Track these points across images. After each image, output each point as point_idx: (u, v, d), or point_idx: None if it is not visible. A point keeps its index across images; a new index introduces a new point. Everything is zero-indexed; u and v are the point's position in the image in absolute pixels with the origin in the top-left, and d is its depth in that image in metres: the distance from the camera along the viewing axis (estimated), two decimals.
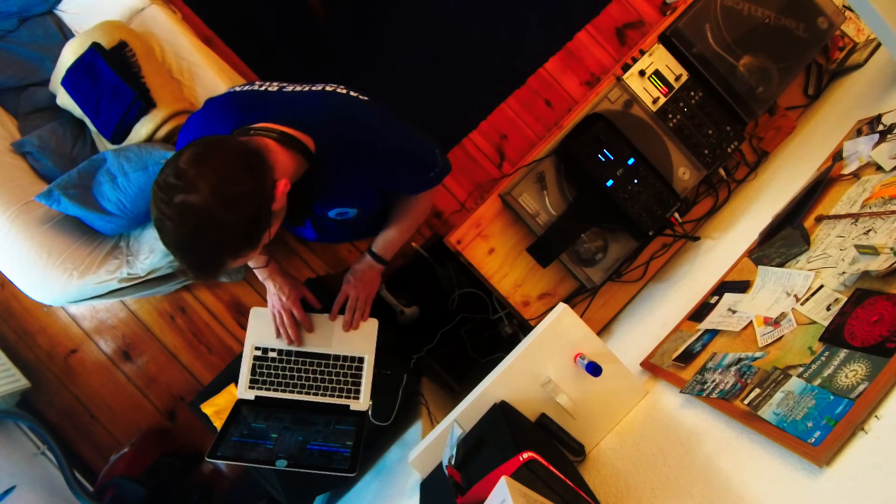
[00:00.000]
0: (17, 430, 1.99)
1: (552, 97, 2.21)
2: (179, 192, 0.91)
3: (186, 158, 0.93)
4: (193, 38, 1.85)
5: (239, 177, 0.94)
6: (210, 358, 2.15)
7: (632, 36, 2.21)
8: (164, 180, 0.93)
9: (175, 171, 0.92)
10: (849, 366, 0.80)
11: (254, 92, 1.22)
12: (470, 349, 1.91)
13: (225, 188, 0.92)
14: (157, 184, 0.93)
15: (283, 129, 1.07)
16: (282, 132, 1.06)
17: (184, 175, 0.92)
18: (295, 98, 1.19)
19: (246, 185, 0.95)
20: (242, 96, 1.22)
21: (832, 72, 1.81)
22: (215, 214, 0.91)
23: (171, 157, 0.95)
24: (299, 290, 1.45)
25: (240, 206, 0.94)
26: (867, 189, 1.12)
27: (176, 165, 0.93)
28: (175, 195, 0.91)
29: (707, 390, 1.00)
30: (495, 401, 1.11)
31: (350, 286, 1.44)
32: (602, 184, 1.55)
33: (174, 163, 0.94)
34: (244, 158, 0.96)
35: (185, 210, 0.91)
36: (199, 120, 1.21)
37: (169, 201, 0.91)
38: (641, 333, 1.47)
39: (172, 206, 0.91)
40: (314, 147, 1.11)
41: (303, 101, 1.18)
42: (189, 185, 0.91)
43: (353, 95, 1.21)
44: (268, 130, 1.06)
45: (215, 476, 2.13)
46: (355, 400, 1.42)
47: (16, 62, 1.82)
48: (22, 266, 1.64)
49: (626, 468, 1.03)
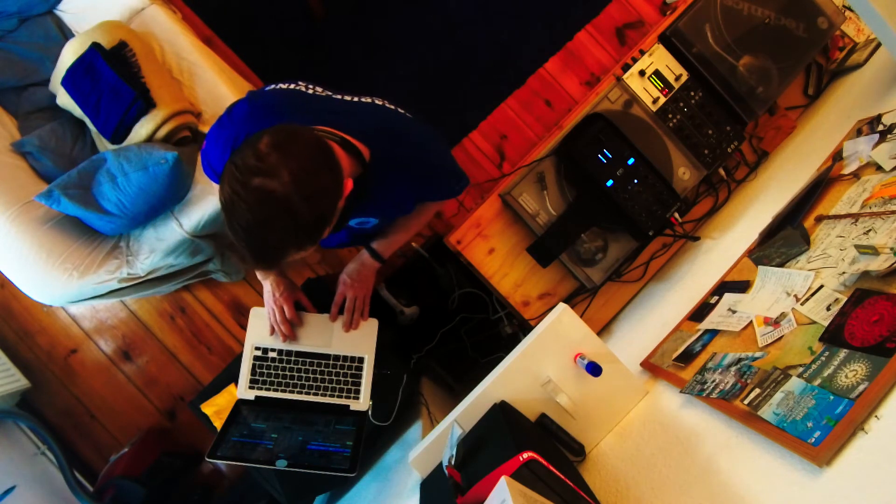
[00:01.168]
0: (17, 430, 1.99)
1: (552, 97, 2.21)
2: (259, 175, 0.87)
3: (268, 143, 0.90)
4: (193, 38, 1.85)
5: (320, 171, 0.93)
6: (210, 358, 2.15)
7: (632, 36, 2.21)
8: (243, 161, 0.89)
9: (255, 154, 0.89)
10: (849, 366, 0.80)
11: (302, 93, 1.21)
12: (470, 349, 1.91)
13: (306, 180, 0.90)
14: (234, 163, 0.90)
15: (343, 135, 1.07)
16: (342, 138, 1.06)
17: (265, 159, 0.88)
18: (347, 107, 1.20)
19: (326, 181, 0.93)
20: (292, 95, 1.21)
21: (832, 72, 1.81)
22: (293, 205, 0.88)
23: (249, 140, 0.92)
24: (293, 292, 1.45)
25: (318, 200, 0.92)
26: (867, 189, 1.12)
27: (256, 148, 0.89)
28: (254, 177, 0.87)
29: (707, 390, 1.00)
30: (495, 401, 1.11)
31: (347, 286, 1.44)
32: (602, 184, 1.55)
33: (253, 145, 0.90)
34: (324, 154, 0.95)
35: (263, 195, 0.87)
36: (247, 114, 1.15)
37: (246, 183, 0.88)
38: (641, 333, 1.47)
39: (250, 188, 0.87)
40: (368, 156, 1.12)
41: (356, 111, 1.19)
42: (270, 170, 0.88)
43: (401, 112, 1.24)
44: (331, 134, 1.05)
45: (215, 476, 2.13)
46: (355, 400, 1.42)
47: (16, 62, 1.82)
48: (22, 266, 1.64)
49: (626, 468, 1.03)
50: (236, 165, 0.89)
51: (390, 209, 1.29)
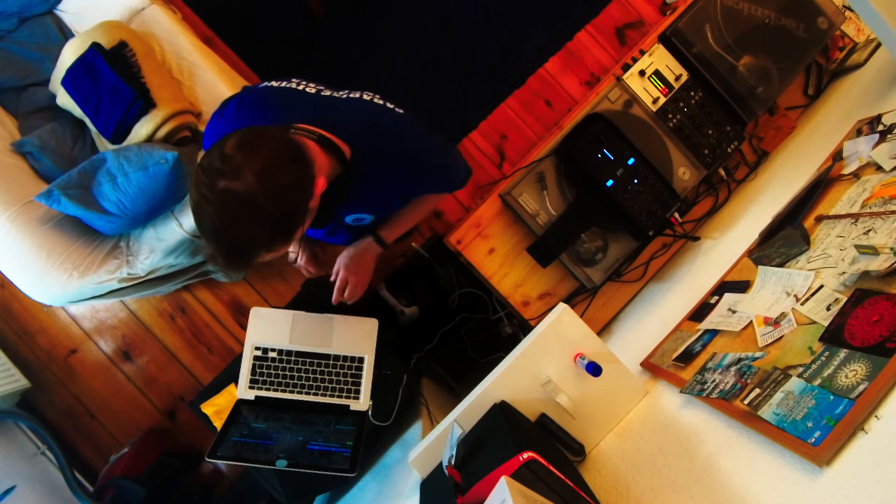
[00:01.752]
0: (17, 430, 1.99)
1: (552, 97, 2.21)
2: (224, 177, 0.89)
3: (233, 144, 0.92)
4: (193, 38, 1.85)
5: (284, 168, 0.93)
6: (210, 358, 2.15)
7: (632, 36, 2.21)
8: (209, 164, 0.91)
9: (221, 156, 0.90)
10: (849, 366, 0.80)
11: (291, 90, 1.22)
12: (470, 349, 1.91)
13: (270, 178, 0.91)
14: (201, 167, 0.92)
15: (321, 133, 1.07)
16: (321, 135, 1.07)
17: (229, 160, 0.90)
18: (334, 103, 1.20)
19: (290, 178, 0.94)
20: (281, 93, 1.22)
21: (832, 72, 1.81)
22: (257, 203, 0.90)
23: (217, 143, 0.94)
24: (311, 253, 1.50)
25: (283, 197, 0.93)
26: (867, 189, 1.12)
27: (222, 150, 0.91)
28: (219, 180, 0.89)
29: (707, 390, 1.00)
30: (495, 401, 1.11)
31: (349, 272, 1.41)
32: (602, 184, 1.55)
33: (220, 148, 0.92)
34: (290, 151, 0.96)
35: (228, 196, 0.89)
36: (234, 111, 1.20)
37: (212, 185, 0.89)
38: (641, 333, 1.47)
39: (215, 190, 0.89)
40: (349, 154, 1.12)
41: (342, 107, 1.19)
42: (234, 172, 0.89)
43: (390, 107, 1.23)
44: (308, 132, 1.06)
45: (215, 476, 2.13)
46: (355, 400, 1.42)
47: (16, 62, 1.82)
48: (22, 266, 1.64)
49: (626, 468, 1.03)
50: (203, 168, 0.91)
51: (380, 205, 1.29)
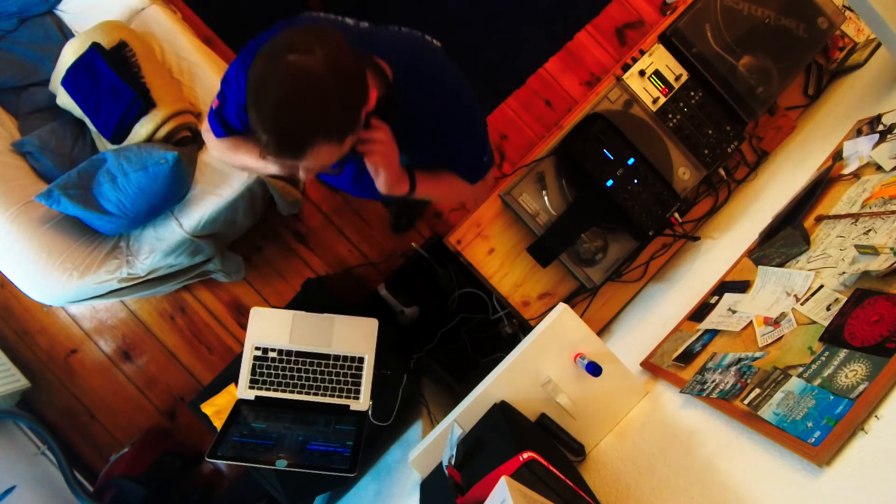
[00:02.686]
0: (17, 430, 1.99)
1: (552, 97, 2.21)
2: (294, 51, 0.85)
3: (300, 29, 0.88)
4: (193, 38, 1.85)
5: (352, 57, 0.90)
6: (210, 358, 2.15)
7: (632, 36, 2.21)
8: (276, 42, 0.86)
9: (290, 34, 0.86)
10: (849, 366, 0.80)
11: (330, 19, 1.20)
12: (470, 349, 1.91)
13: (339, 61, 0.87)
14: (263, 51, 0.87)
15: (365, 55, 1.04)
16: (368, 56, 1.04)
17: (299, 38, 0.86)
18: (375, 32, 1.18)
19: (357, 68, 0.91)
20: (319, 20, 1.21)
21: (832, 72, 1.81)
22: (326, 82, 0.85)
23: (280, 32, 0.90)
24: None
25: (350, 82, 0.89)
26: (867, 189, 1.12)
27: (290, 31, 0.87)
28: (289, 54, 0.85)
29: (707, 390, 1.00)
30: (495, 401, 1.11)
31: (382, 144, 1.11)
32: (602, 184, 1.55)
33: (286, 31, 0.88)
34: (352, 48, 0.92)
35: (297, 70, 0.84)
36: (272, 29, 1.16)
37: (279, 59, 0.85)
38: (641, 333, 1.47)
39: (282, 63, 0.84)
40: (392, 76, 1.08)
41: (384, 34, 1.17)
42: (305, 48, 0.85)
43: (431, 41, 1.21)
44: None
45: (215, 476, 2.13)
46: (355, 400, 1.42)
47: (16, 62, 1.82)
48: (22, 266, 1.64)
49: (626, 468, 1.03)
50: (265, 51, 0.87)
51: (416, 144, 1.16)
